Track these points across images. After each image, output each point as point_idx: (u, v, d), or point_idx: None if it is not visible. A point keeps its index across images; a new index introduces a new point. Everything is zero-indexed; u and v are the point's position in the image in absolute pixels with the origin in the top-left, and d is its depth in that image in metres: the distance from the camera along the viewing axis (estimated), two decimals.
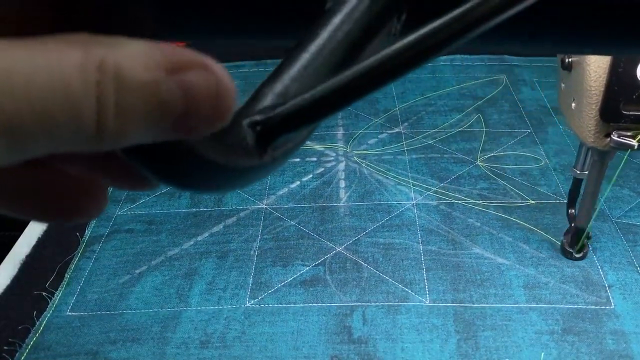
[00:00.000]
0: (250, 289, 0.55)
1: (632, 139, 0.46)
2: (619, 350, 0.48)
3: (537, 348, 0.49)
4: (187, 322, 0.52)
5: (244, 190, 0.68)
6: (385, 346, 0.49)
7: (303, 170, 0.71)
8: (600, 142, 0.48)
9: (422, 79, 0.88)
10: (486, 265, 0.56)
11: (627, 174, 0.68)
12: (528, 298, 0.53)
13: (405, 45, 0.13)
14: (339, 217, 0.63)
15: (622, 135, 0.46)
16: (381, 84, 0.13)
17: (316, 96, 0.13)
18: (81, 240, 0.62)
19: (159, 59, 0.11)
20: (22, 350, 0.50)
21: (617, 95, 0.44)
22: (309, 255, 0.58)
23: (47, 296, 0.55)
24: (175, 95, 0.11)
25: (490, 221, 0.61)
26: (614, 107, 0.45)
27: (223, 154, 0.13)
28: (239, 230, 0.62)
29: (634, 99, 0.44)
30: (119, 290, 0.56)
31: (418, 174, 0.68)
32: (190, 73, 0.12)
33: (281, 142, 0.14)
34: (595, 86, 0.45)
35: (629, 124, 0.46)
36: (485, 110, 0.80)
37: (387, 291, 0.54)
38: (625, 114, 0.45)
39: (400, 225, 0.61)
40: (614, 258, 0.57)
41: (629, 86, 0.43)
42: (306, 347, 0.49)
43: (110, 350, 0.50)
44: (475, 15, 0.13)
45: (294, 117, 0.14)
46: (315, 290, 0.54)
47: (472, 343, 0.49)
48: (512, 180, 0.67)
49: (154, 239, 0.62)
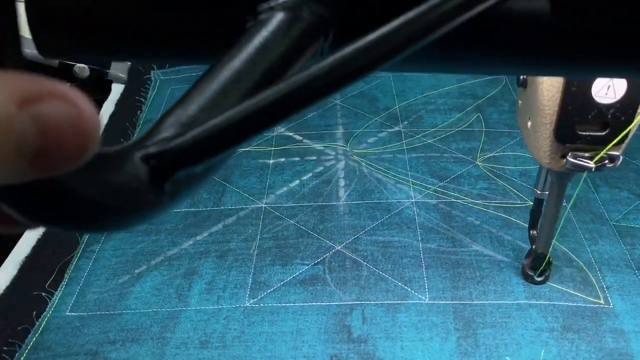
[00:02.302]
0: (249, 288, 0.55)
1: (589, 161, 0.42)
2: (618, 348, 0.48)
3: (537, 345, 0.49)
4: (186, 322, 0.52)
5: (243, 189, 0.67)
6: (385, 345, 0.49)
7: (302, 169, 0.71)
8: (556, 163, 0.45)
9: (422, 77, 0.87)
10: (486, 262, 0.56)
11: (627, 176, 0.68)
12: (527, 295, 0.53)
13: (321, 68, 0.12)
14: (339, 215, 0.63)
15: (578, 157, 0.43)
16: (294, 109, 0.12)
17: (219, 125, 0.12)
18: (81, 241, 0.62)
19: (9, 90, 0.10)
20: (21, 351, 0.50)
21: (571, 115, 0.41)
22: (308, 254, 0.58)
23: (46, 296, 0.55)
24: (30, 130, 0.10)
25: (489, 220, 0.61)
26: (569, 127, 0.42)
27: (107, 192, 0.12)
28: (239, 229, 0.62)
29: (589, 119, 0.41)
30: (118, 290, 0.56)
31: (418, 173, 0.68)
32: (46, 105, 0.10)
33: (182, 177, 0.13)
34: (549, 105, 0.42)
35: (585, 145, 0.43)
36: (485, 109, 0.80)
37: (387, 289, 0.54)
38: (580, 134, 0.42)
39: (400, 224, 0.61)
40: (612, 261, 0.56)
41: (584, 106, 0.41)
42: (306, 346, 0.49)
43: (109, 350, 0.50)
44: (409, 32, 0.12)
45: (194, 149, 0.12)
46: (314, 289, 0.54)
47: (472, 341, 0.49)
48: (511, 181, 0.67)
49: (154, 238, 0.62)
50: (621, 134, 0.41)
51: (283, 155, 0.73)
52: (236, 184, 0.69)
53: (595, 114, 0.41)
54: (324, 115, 0.80)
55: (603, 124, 0.41)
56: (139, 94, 0.86)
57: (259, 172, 0.70)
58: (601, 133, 0.41)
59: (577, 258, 0.57)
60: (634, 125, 0.41)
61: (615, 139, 0.41)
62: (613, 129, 0.41)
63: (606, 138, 0.42)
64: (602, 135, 0.41)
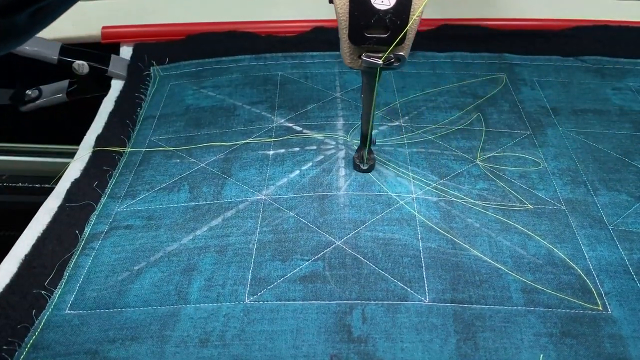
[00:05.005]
0: (249, 285, 0.55)
1: (378, 59, 0.53)
2: (617, 354, 0.49)
3: (536, 350, 0.49)
4: (186, 319, 0.52)
5: (243, 181, 0.67)
6: (385, 346, 0.49)
7: (303, 159, 0.70)
8: (355, 63, 0.55)
9: (422, 74, 0.87)
10: (485, 267, 0.56)
11: (626, 178, 0.68)
12: (526, 301, 0.53)
13: None
14: (339, 207, 0.63)
15: (371, 56, 0.53)
16: None
17: None
18: (80, 238, 0.62)
19: None
20: (21, 350, 0.50)
21: (358, 20, 0.50)
22: (308, 249, 0.58)
23: (46, 295, 0.55)
24: None
25: (489, 223, 0.61)
26: (358, 31, 0.51)
27: None
28: (238, 223, 0.62)
29: (373, 24, 0.50)
30: (117, 287, 0.55)
31: (418, 168, 0.68)
32: None
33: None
34: (342, 13, 0.51)
35: (374, 46, 0.52)
36: (485, 109, 0.79)
37: (387, 289, 0.54)
38: (368, 37, 0.51)
39: (400, 220, 0.61)
40: (610, 267, 0.57)
41: (366, 12, 0.50)
42: (305, 345, 0.49)
43: (109, 349, 0.50)
44: None
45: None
46: (314, 287, 0.54)
47: (472, 344, 0.49)
48: (510, 183, 0.67)
49: (153, 234, 0.61)
50: (399, 36, 0.51)
51: (283, 146, 0.73)
52: (236, 176, 0.68)
53: (377, 18, 0.50)
54: (324, 107, 0.80)
55: (385, 28, 0.51)
56: (138, 90, 0.85)
57: (258, 164, 0.70)
58: (384, 35, 0.51)
59: (575, 265, 0.57)
60: (408, 28, 0.51)
61: (395, 40, 0.51)
62: (393, 32, 0.51)
63: (388, 40, 0.51)
64: (385, 37, 0.51)
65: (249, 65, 0.90)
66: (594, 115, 0.79)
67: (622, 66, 0.89)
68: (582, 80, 0.86)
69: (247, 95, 0.84)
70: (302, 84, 0.86)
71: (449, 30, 0.95)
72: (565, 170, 0.69)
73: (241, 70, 0.89)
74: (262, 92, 0.84)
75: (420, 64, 0.90)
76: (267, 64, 0.91)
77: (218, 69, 0.90)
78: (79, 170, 0.70)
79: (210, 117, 0.79)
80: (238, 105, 0.81)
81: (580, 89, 0.84)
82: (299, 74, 0.88)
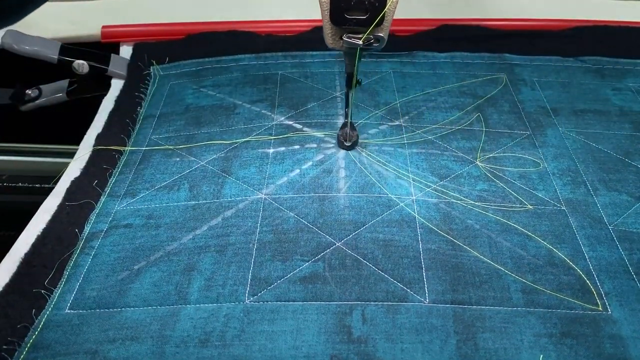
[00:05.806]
0: (249, 285, 0.55)
1: (358, 39, 0.56)
2: (616, 354, 0.49)
3: (536, 350, 0.49)
4: (186, 319, 0.52)
5: (243, 180, 0.67)
6: (385, 347, 0.49)
7: (303, 158, 0.70)
8: (337, 43, 0.59)
9: (423, 74, 0.87)
10: (485, 268, 0.56)
11: (626, 178, 0.68)
12: (526, 302, 0.53)
13: None
14: (339, 209, 0.63)
15: (351, 37, 0.56)
16: None
17: None
18: (80, 237, 0.62)
19: None
20: (21, 349, 0.50)
21: (339, 2, 0.54)
22: (308, 249, 0.58)
23: (45, 294, 0.55)
24: None
25: (489, 224, 0.61)
26: (339, 13, 0.55)
27: None
28: (238, 222, 0.62)
29: (352, 6, 0.53)
30: (117, 287, 0.55)
31: (418, 170, 0.68)
32: None
33: None
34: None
35: (354, 27, 0.55)
36: (485, 109, 0.79)
37: (387, 290, 0.54)
38: (348, 18, 0.55)
39: (400, 222, 0.61)
40: (610, 267, 0.57)
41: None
42: (306, 346, 0.49)
43: (109, 349, 0.50)
44: None
45: None
46: (314, 288, 0.54)
47: (472, 344, 0.49)
48: (510, 183, 0.67)
49: (153, 233, 0.61)
50: (378, 17, 0.54)
51: (283, 144, 0.73)
52: (236, 175, 0.68)
53: (357, 1, 0.53)
54: (325, 106, 0.80)
55: (364, 10, 0.54)
56: (138, 89, 0.85)
57: (258, 162, 0.70)
58: (363, 17, 0.54)
59: (575, 266, 0.57)
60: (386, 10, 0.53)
61: (374, 21, 0.54)
62: (372, 14, 0.54)
63: (368, 21, 0.54)
64: (365, 19, 0.54)
65: (249, 65, 0.90)
66: (594, 116, 0.79)
67: (622, 66, 0.89)
68: (582, 81, 0.86)
69: (247, 94, 0.84)
70: (302, 83, 0.86)
71: (449, 30, 0.95)
72: (565, 171, 0.69)
73: (241, 70, 0.89)
74: (262, 91, 0.84)
75: (421, 64, 0.90)
76: (267, 63, 0.91)
77: (218, 68, 0.90)
78: (79, 169, 0.70)
79: (211, 116, 0.79)
80: (238, 104, 0.81)
81: (580, 89, 0.84)
82: (299, 73, 0.88)
